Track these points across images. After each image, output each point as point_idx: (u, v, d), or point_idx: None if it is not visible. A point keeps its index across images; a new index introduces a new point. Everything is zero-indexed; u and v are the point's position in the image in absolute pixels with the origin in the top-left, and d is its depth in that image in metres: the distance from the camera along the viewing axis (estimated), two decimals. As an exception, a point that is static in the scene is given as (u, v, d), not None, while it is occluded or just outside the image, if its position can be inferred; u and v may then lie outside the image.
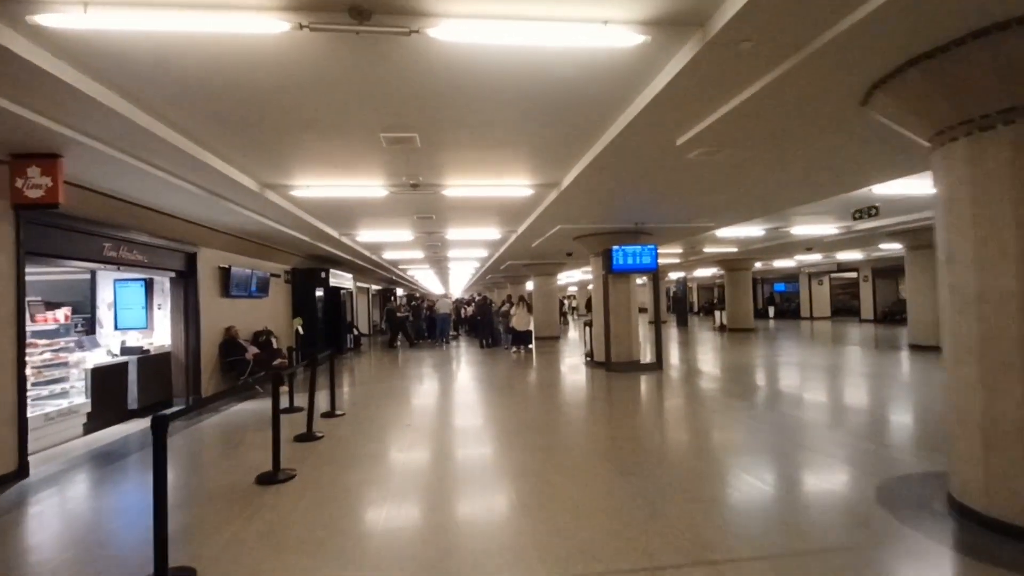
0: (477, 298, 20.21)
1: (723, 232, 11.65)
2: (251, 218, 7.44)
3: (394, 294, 28.75)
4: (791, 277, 29.42)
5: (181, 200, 6.21)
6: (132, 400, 7.12)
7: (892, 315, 22.17)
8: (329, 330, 15.14)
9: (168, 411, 3.19)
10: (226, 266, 8.80)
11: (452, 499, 3.97)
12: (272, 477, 4.36)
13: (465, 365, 12.19)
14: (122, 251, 6.45)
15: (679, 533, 3.20)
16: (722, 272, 27.32)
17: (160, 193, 5.85)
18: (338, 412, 6.94)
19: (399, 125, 4.50)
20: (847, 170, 6.03)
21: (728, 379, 9.05)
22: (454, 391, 8.64)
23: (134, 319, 7.76)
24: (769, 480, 4.11)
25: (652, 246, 10.06)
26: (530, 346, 14.72)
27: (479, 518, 3.65)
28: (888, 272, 22.72)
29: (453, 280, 31.16)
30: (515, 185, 6.65)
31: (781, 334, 18.25)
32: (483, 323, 16.31)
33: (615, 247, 9.96)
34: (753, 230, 11.83)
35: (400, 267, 19.18)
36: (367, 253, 13.63)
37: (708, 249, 16.18)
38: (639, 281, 19.29)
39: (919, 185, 7.41)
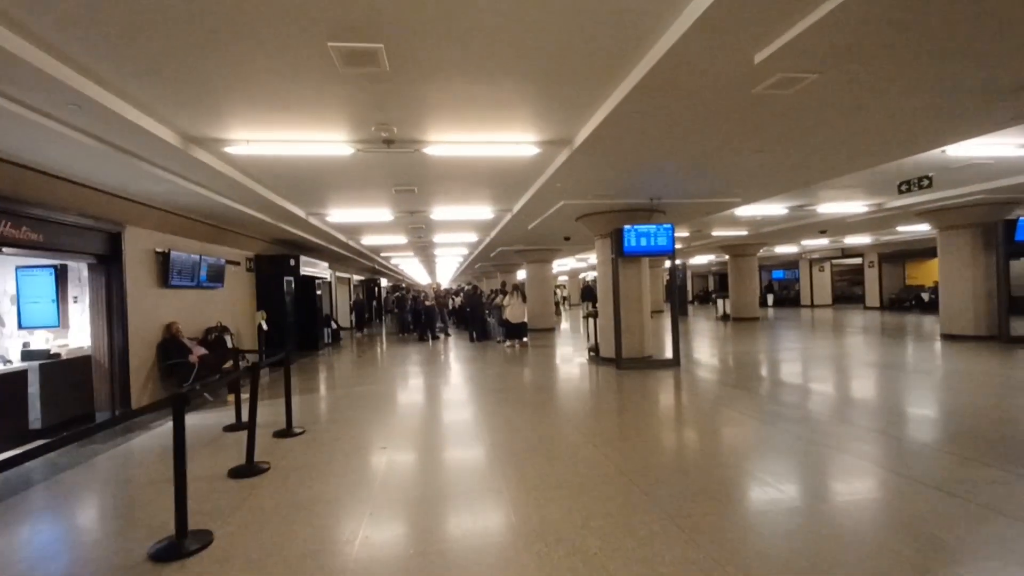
0: (466, 288, 18.79)
1: (743, 211, 10.40)
2: (185, 188, 5.97)
3: (378, 284, 27.21)
4: (790, 264, 28.48)
5: (77, 159, 4.72)
6: (35, 418, 5.65)
7: (900, 302, 21.26)
8: (302, 325, 13.68)
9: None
10: (164, 250, 7.30)
11: (440, 585, 2.63)
12: (175, 548, 2.97)
13: (454, 362, 10.83)
14: (7, 228, 4.95)
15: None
16: (719, 259, 26.32)
17: (41, 147, 4.36)
18: (296, 430, 5.55)
19: (355, 27, 3.09)
20: (932, 121, 4.76)
21: (759, 378, 7.82)
22: (441, 398, 7.28)
23: (42, 315, 6.26)
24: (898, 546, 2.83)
25: (668, 225, 8.74)
26: (525, 339, 13.40)
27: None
28: (895, 257, 21.79)
29: (440, 270, 29.69)
30: (516, 142, 5.27)
31: (790, 323, 17.16)
32: (472, 315, 14.93)
33: (626, 227, 8.64)
34: (775, 208, 10.60)
35: (382, 255, 17.68)
36: (342, 238, 12.14)
37: (717, 232, 14.95)
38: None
39: (998, 147, 6.19)
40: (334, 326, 16.48)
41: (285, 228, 9.52)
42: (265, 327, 9.83)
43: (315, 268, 13.36)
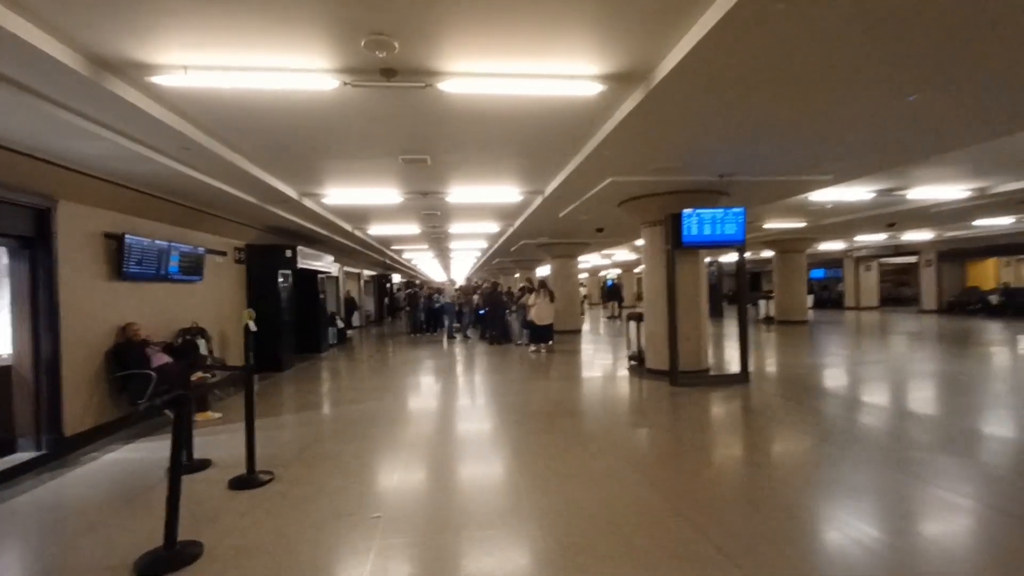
0: (485, 284, 17.29)
1: (818, 196, 8.68)
2: (130, 151, 4.52)
3: (389, 280, 25.85)
4: (831, 262, 26.40)
5: (-55, 93, 3.28)
6: (-78, 450, 4.26)
7: (962, 305, 19.20)
8: (303, 324, 12.27)
9: None
10: (117, 232, 5.88)
11: None
12: None
13: (472, 371, 9.31)
14: None
15: None
16: (754, 256, 24.30)
17: None
18: (262, 476, 4.06)
19: None
20: None
21: (859, 401, 6.16)
22: (458, 426, 5.75)
23: (-52, 314, 4.87)
24: None
25: (740, 209, 7.10)
26: (551, 343, 11.83)
27: None
28: (955, 256, 19.71)
29: (455, 266, 28.24)
30: (570, 75, 3.70)
31: (846, 329, 15.31)
32: (492, 315, 13.39)
33: (686, 211, 7.02)
34: (857, 193, 8.86)
35: (393, 247, 16.25)
36: (346, 226, 10.69)
37: (770, 224, 13.19)
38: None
39: None
40: (340, 325, 15.10)
41: (276, 212, 8.08)
42: (253, 328, 8.42)
43: (318, 261, 11.94)
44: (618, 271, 34.90)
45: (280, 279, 9.90)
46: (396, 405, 6.56)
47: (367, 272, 22.50)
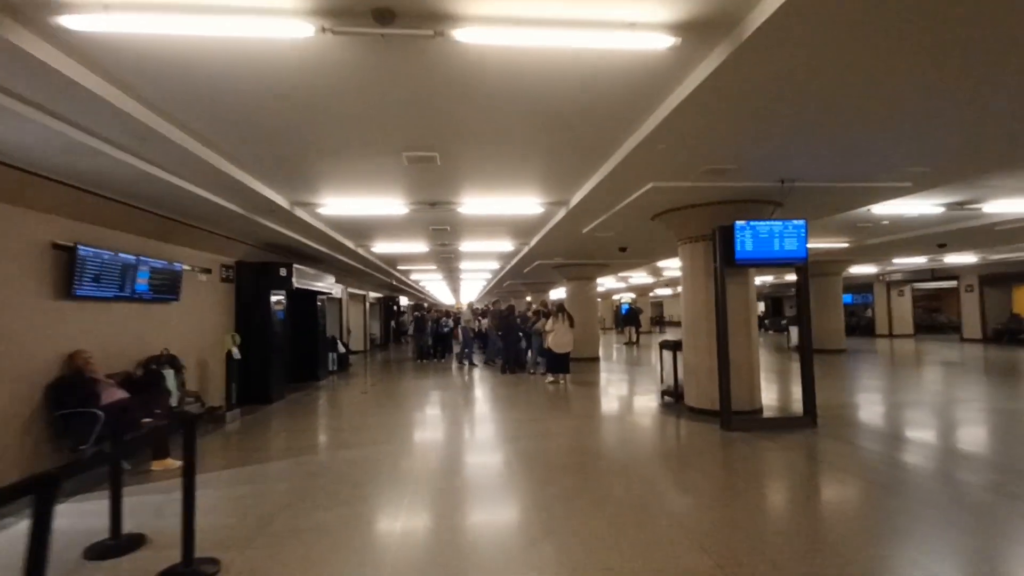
0: (496, 306, 16.26)
1: (882, 209, 7.63)
2: (65, 138, 3.61)
3: (396, 303, 24.92)
4: (860, 287, 25.09)
5: None
6: None
7: (1012, 334, 17.80)
8: (299, 350, 11.28)
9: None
10: (68, 244, 4.95)
11: None
12: None
13: (484, 408, 8.20)
14: None
15: None
16: (777, 280, 23.04)
17: None
18: (204, 567, 2.98)
19: None
20: None
21: (977, 457, 4.98)
22: (471, 484, 4.66)
23: None
24: None
25: (800, 221, 6.07)
26: (568, 374, 10.68)
27: None
28: (998, 280, 18.41)
29: (465, 289, 27.31)
30: (628, 23, 2.73)
31: (891, 359, 14.02)
32: (505, 341, 12.31)
33: (739, 223, 5.99)
34: (923, 207, 7.80)
35: (399, 268, 15.32)
36: (348, 243, 9.77)
37: (812, 244, 12.08)
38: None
39: None
40: (342, 350, 14.09)
41: (267, 225, 7.17)
42: (237, 355, 7.42)
43: (318, 282, 11.00)
44: (632, 295, 33.76)
45: (273, 300, 8.94)
46: (396, 452, 5.47)
47: (373, 294, 21.59)
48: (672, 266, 16.90)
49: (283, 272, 8.98)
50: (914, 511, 3.60)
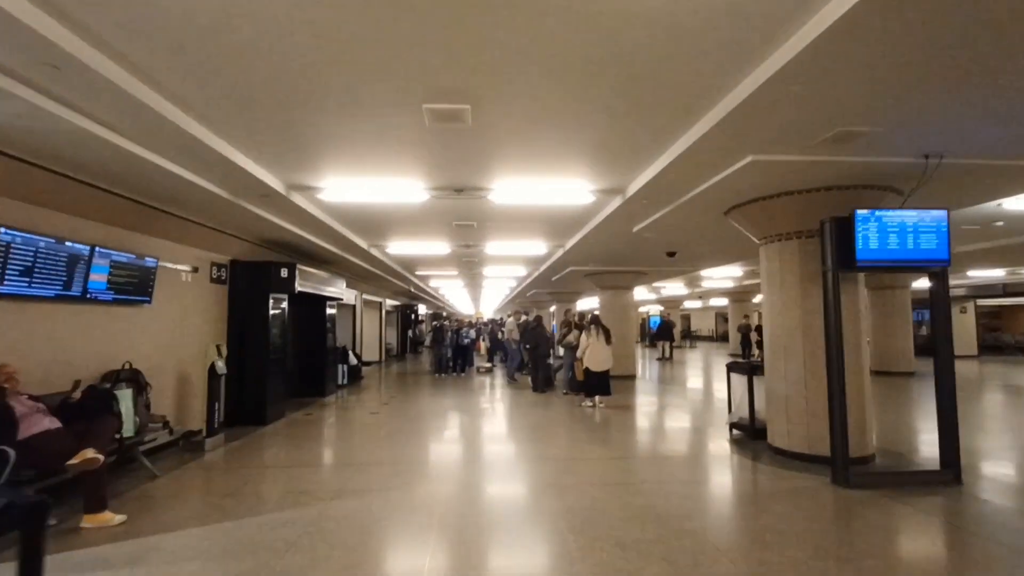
0: (525, 319, 14.95)
1: (1017, 203, 6.12)
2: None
3: (415, 311, 23.76)
4: (916, 303, 23.01)
5: None
6: None
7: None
8: (304, 363, 10.12)
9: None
10: (-17, 226, 3.81)
11: None
12: None
13: (517, 439, 6.85)
14: None
15: None
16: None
17: None
18: None
19: None
20: None
21: None
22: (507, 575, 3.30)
23: None
24: None
25: (940, 212, 4.62)
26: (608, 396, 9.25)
27: None
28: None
29: (486, 297, 26.08)
30: None
31: (988, 385, 12.22)
32: (536, 356, 10.93)
33: (861, 212, 4.57)
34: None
35: (417, 273, 14.11)
36: (359, 242, 8.57)
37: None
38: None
39: None
40: (354, 362, 12.90)
41: (261, 215, 5.99)
42: (222, 368, 6.22)
43: (327, 286, 9.84)
44: (659, 307, 32.05)
45: (272, 305, 7.76)
46: (407, 505, 4.16)
47: (390, 302, 20.47)
48: (716, 275, 15.38)
49: (284, 273, 7.80)
50: None
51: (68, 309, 4.61)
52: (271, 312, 7.69)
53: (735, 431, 6.64)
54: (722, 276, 16.01)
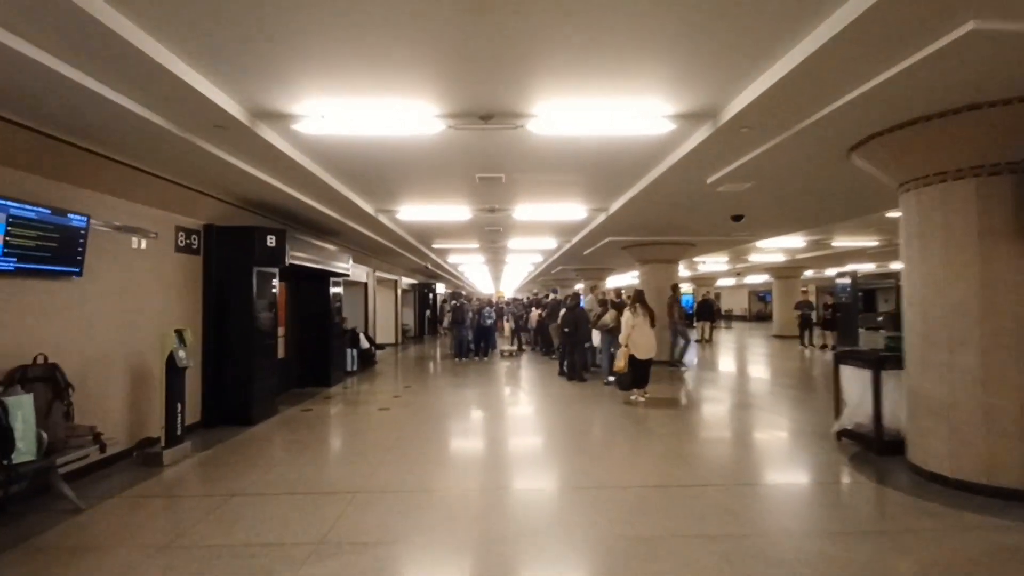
0: (554, 297, 13.47)
1: None
2: None
3: (432, 290, 22.43)
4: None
5: None
6: None
7: None
8: (304, 348, 8.85)
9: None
10: None
11: None
12: None
13: (558, 448, 5.41)
14: None
15: None
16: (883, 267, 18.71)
17: None
18: None
19: None
20: None
21: None
22: None
23: None
24: None
25: None
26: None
27: None
28: None
29: (509, 275, 24.61)
30: None
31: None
32: (573, 339, 9.43)
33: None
34: None
35: (434, 246, 12.63)
36: (365, 206, 7.11)
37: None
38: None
39: None
40: (365, 345, 11.60)
41: (224, 159, 4.54)
42: (185, 361, 4.86)
43: (332, 260, 8.46)
44: (690, 285, 30.11)
45: (259, 281, 6.39)
46: (417, 549, 2.76)
47: (406, 280, 19.13)
48: (770, 247, 13.55)
49: (271, 241, 6.40)
50: None
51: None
52: (256, 289, 6.32)
53: (843, 438, 5.10)
54: (776, 248, 14.21)
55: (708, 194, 6.41)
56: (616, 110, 3.91)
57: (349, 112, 3.89)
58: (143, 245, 5.10)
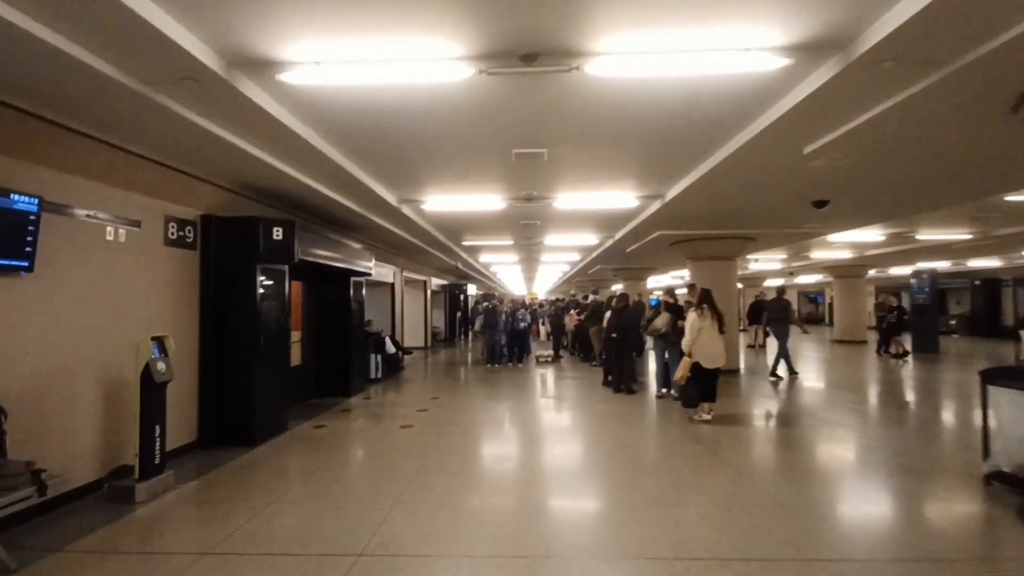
0: (595, 299, 12.41)
1: None
2: None
3: (463, 291, 21.59)
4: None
5: None
6: None
7: None
8: (322, 355, 8.06)
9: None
10: None
11: None
12: None
13: (608, 489, 4.35)
14: None
15: None
16: (958, 265, 16.49)
17: None
18: None
19: None
20: None
21: None
22: None
23: None
24: None
25: None
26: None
27: None
28: None
29: (541, 275, 23.55)
30: None
31: None
32: (623, 345, 8.29)
33: None
34: None
35: (464, 244, 11.70)
36: (388, 197, 6.22)
37: None
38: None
39: None
40: (391, 350, 10.78)
41: (195, 122, 3.68)
42: (164, 375, 4.04)
43: (353, 258, 7.61)
44: (739, 285, 28.21)
45: (263, 280, 5.57)
46: None
47: (436, 280, 18.33)
48: (841, 240, 12.03)
49: (277, 233, 5.56)
50: None
51: None
52: (260, 288, 5.50)
53: (994, 483, 3.85)
54: (845, 243, 12.71)
55: (793, 172, 5.25)
56: (706, 43, 2.84)
57: (355, 52, 2.95)
58: (121, 237, 4.31)
